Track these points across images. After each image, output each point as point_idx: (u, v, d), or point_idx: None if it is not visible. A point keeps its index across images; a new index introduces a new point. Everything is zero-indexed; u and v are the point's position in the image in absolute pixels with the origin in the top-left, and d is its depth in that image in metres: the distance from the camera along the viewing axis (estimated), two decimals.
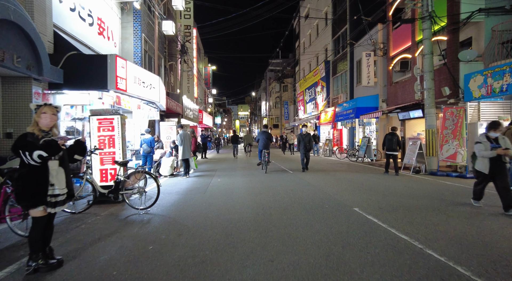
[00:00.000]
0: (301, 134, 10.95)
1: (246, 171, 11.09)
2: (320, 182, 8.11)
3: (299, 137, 10.93)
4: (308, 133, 11.16)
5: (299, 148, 10.98)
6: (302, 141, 10.73)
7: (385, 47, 16.16)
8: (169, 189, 7.57)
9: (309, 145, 10.77)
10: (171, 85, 20.17)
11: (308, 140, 10.74)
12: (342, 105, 20.04)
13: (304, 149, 10.67)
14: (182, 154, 9.78)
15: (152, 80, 9.37)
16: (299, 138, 10.89)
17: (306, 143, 10.66)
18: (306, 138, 10.76)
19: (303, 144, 10.67)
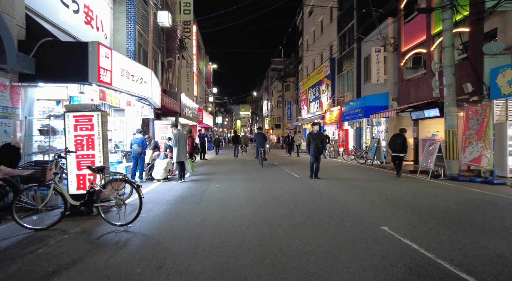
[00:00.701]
0: (311, 134, 9.25)
1: (248, 175, 10.11)
2: (332, 190, 7.12)
3: (309, 137, 9.22)
4: (321, 132, 9.35)
5: (308, 150, 9.31)
6: (312, 142, 9.07)
7: (395, 42, 15.16)
8: (160, 197, 6.60)
9: (322, 147, 9.09)
10: (170, 83, 19.23)
11: (320, 141, 9.10)
12: (348, 104, 19.05)
13: (315, 152, 9.06)
14: (177, 156, 8.81)
15: (143, 73, 8.41)
16: (309, 138, 9.21)
17: (318, 144, 9.02)
18: (318, 138, 9.09)
19: (314, 146, 9.04)
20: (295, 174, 10.13)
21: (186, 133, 10.15)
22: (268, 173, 10.37)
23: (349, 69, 20.86)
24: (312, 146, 9.11)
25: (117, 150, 9.88)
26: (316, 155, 9.11)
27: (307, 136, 9.37)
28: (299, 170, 11.27)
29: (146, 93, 8.63)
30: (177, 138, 8.81)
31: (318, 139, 9.12)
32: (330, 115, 21.91)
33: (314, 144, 9.09)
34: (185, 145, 9.02)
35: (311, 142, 9.20)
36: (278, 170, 11.34)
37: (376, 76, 15.65)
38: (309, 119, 29.16)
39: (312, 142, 9.16)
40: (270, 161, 15.88)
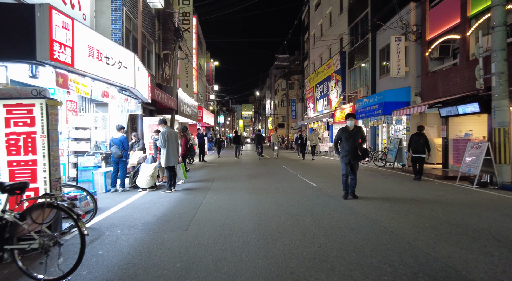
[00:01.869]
0: (345, 130, 6.04)
1: (253, 183, 8.41)
2: (367, 207, 5.38)
3: (341, 135, 6.08)
4: (360, 128, 6.19)
5: (337, 152, 6.21)
6: (346, 142, 5.94)
7: (418, 30, 13.41)
8: (136, 217, 4.91)
9: (363, 150, 6.04)
10: (166, 77, 17.58)
11: (359, 140, 6.03)
12: (362, 100, 17.31)
13: (349, 157, 5.88)
14: (166, 160, 7.13)
15: (123, 56, 6.73)
16: (340, 137, 6.11)
17: (354, 146, 5.90)
18: (356, 136, 5.99)
19: (347, 147, 5.89)
20: (312, 182, 8.36)
21: (178, 131, 8.47)
22: (278, 181, 8.67)
23: (362, 63, 19.11)
24: (345, 149, 5.95)
25: (96, 152, 8.23)
26: (352, 162, 5.92)
27: (337, 134, 6.23)
28: (316, 177, 9.54)
29: (127, 82, 6.95)
30: (166, 137, 7.12)
31: (356, 137, 5.95)
32: (341, 113, 20.17)
33: (348, 145, 5.90)
34: (176, 146, 7.34)
35: (342, 142, 6.04)
36: (289, 177, 9.63)
37: (396, 68, 13.90)
38: (316, 118, 27.43)
39: (344, 143, 5.96)
40: (278, 164, 14.17)
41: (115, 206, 5.86)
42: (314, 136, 16.97)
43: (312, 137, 16.88)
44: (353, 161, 5.94)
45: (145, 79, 8.90)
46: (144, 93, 8.87)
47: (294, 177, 9.38)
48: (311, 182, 8.16)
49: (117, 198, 6.73)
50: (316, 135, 17.24)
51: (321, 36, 27.42)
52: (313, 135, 16.94)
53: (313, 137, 16.87)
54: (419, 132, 9.22)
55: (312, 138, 16.86)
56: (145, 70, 9.12)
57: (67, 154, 8.78)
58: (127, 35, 11.20)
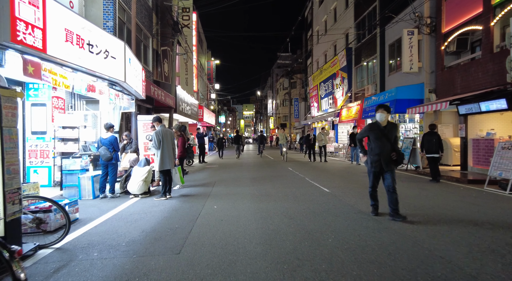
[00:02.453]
0: (373, 127, 4.61)
1: (258, 187, 7.57)
2: (409, 227, 4.51)
3: (366, 133, 4.68)
4: (394, 125, 4.71)
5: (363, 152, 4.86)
6: (375, 142, 4.52)
7: (433, 23, 12.55)
8: (120, 234, 4.08)
9: (396, 152, 4.49)
10: (165, 75, 16.76)
11: (393, 139, 4.57)
12: (370, 98, 16.45)
13: (380, 162, 4.49)
14: (160, 163, 6.30)
15: (110, 45, 5.91)
16: (365, 134, 4.70)
17: (387, 147, 4.46)
18: (390, 133, 4.52)
19: (378, 149, 4.48)
20: (324, 187, 7.48)
21: (174, 131, 7.64)
22: (286, 185, 7.83)
23: (369, 59, 18.26)
24: (374, 152, 4.49)
25: (84, 154, 7.41)
26: (386, 169, 4.47)
27: (363, 131, 4.78)
28: (327, 181, 8.68)
29: (115, 74, 6.12)
30: (161, 137, 6.28)
31: (390, 136, 4.49)
32: (347, 112, 19.31)
33: (378, 146, 4.46)
34: (172, 147, 6.51)
35: (370, 142, 4.61)
36: (298, 181, 8.78)
37: (409, 63, 13.04)
38: (320, 117, 26.58)
39: (373, 143, 4.53)
40: (284, 166, 13.33)
41: (99, 216, 5.04)
42: (324, 135, 15.54)
43: (321, 137, 15.45)
44: (386, 168, 4.46)
45: (138, 73, 8.08)
46: (138, 89, 8.04)
47: (302, 181, 8.53)
48: (323, 187, 7.30)
49: (105, 206, 5.90)
50: (325, 135, 15.81)
51: (325, 33, 26.56)
52: (322, 135, 15.50)
53: (322, 137, 15.44)
54: (431, 131, 8.74)
55: (321, 138, 15.43)
56: (139, 64, 8.30)
57: (52, 156, 7.98)
58: (121, 27, 10.39)
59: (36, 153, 7.87)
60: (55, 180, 7.80)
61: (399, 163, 4.59)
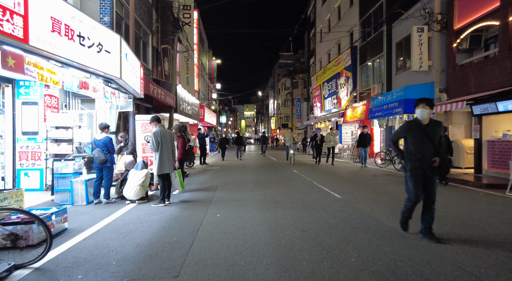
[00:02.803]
0: (413, 126, 3.77)
1: (264, 192, 7.08)
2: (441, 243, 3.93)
3: (403, 133, 3.85)
4: (439, 123, 3.79)
5: (399, 156, 3.99)
6: (415, 145, 3.68)
7: (444, 19, 12.04)
8: (112, 247, 3.60)
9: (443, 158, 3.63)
10: (165, 73, 16.31)
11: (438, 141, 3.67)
12: (377, 98, 15.94)
13: (422, 169, 3.63)
14: (159, 166, 5.81)
15: (104, 38, 5.42)
16: (401, 137, 3.92)
17: (431, 150, 3.62)
18: (435, 133, 3.65)
19: (419, 152, 3.65)
20: (334, 192, 6.96)
21: (174, 131, 7.15)
22: (293, 190, 7.34)
23: (375, 58, 17.76)
24: (415, 156, 3.65)
25: (77, 156, 6.94)
26: (432, 177, 3.64)
27: (399, 131, 3.96)
28: (337, 185, 8.18)
29: (110, 70, 5.63)
30: (159, 138, 5.80)
31: (435, 137, 3.63)
32: (352, 112, 18.81)
33: (420, 150, 3.63)
34: (171, 149, 6.02)
35: (409, 145, 3.73)
36: (305, 185, 8.29)
37: (418, 62, 12.53)
38: (323, 118, 26.09)
39: (413, 146, 3.68)
40: (288, 168, 12.85)
41: (91, 226, 4.56)
42: (333, 136, 14.59)
43: (330, 138, 14.49)
44: (432, 175, 3.60)
45: (136, 70, 7.60)
46: (135, 87, 7.56)
47: (310, 185, 8.03)
48: (334, 193, 6.80)
49: (98, 213, 5.43)
50: (334, 135, 14.84)
51: (329, 32, 26.06)
52: (330, 135, 14.54)
53: (331, 138, 14.48)
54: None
55: (329, 138, 14.49)
56: (137, 60, 7.82)
57: (45, 158, 7.50)
58: (119, 22, 9.92)
59: (27, 155, 7.40)
60: (47, 184, 7.33)
61: (445, 171, 3.69)
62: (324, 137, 14.81)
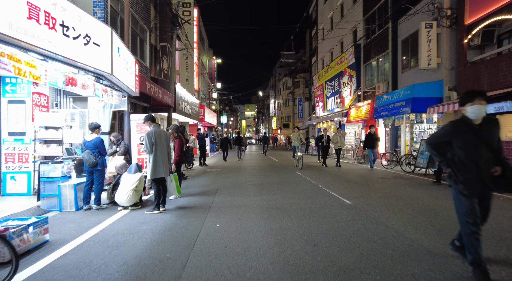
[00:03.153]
0: (461, 127, 2.83)
1: (268, 197, 6.60)
2: None
3: (448, 136, 2.89)
4: (495, 121, 2.88)
5: (443, 164, 2.98)
6: (465, 151, 2.79)
7: (454, 14, 11.54)
8: (94, 266, 3.11)
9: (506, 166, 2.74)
10: (164, 72, 15.83)
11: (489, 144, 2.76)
12: (382, 97, 15.45)
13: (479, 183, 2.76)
14: (153, 170, 5.33)
15: (92, 29, 4.94)
16: (445, 137, 2.92)
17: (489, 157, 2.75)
18: (491, 135, 2.79)
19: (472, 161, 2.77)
20: (343, 197, 6.45)
21: (171, 132, 6.66)
22: (298, 195, 6.85)
23: (380, 56, 17.25)
24: (468, 167, 2.78)
25: (66, 158, 6.46)
26: (494, 190, 2.83)
27: (441, 132, 2.98)
28: (345, 189, 7.68)
29: (99, 64, 5.15)
30: (153, 139, 5.32)
31: (492, 139, 2.78)
32: (356, 112, 18.31)
33: (472, 155, 2.77)
34: (166, 151, 5.54)
35: (458, 149, 2.83)
36: (310, 188, 7.80)
37: (427, 59, 12.03)
38: (326, 117, 25.59)
39: (463, 152, 2.81)
40: (292, 170, 12.37)
41: (75, 238, 4.08)
42: (340, 137, 13.75)
43: (337, 139, 13.65)
44: (495, 189, 2.80)
45: (130, 66, 7.12)
46: (130, 84, 7.08)
47: (316, 189, 7.54)
48: (342, 198, 6.31)
49: (86, 221, 4.95)
50: (342, 136, 13.96)
51: (331, 30, 25.56)
52: (337, 136, 13.72)
53: (338, 139, 13.64)
54: None
55: (336, 139, 13.65)
56: (131, 56, 7.34)
57: (33, 160, 7.03)
58: (114, 17, 9.45)
59: (13, 157, 6.94)
60: (35, 188, 6.86)
61: (509, 185, 2.77)
62: (330, 138, 13.93)
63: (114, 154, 6.97)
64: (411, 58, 14.15)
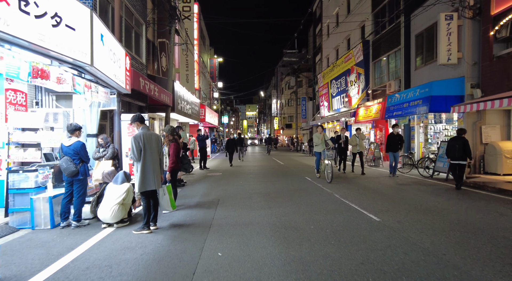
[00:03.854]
0: None
1: (278, 210, 5.65)
2: None
3: None
4: None
5: None
6: None
7: (477, 4, 10.56)
8: None
9: None
10: (163, 70, 14.91)
11: None
12: (394, 96, 14.47)
13: None
14: (141, 182, 4.38)
15: (62, 7, 3.99)
16: None
17: None
18: None
19: None
20: (368, 212, 5.41)
21: (165, 134, 5.72)
22: (314, 208, 5.89)
23: (391, 52, 16.27)
24: None
25: (42, 166, 5.52)
26: None
27: None
28: (368, 201, 6.69)
29: (74, 52, 4.20)
30: (142, 143, 4.38)
31: None
32: (365, 112, 17.33)
33: None
34: (158, 158, 4.59)
35: None
36: (327, 200, 6.83)
37: (447, 54, 11.04)
38: (331, 117, 24.61)
39: None
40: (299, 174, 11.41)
41: (36, 273, 3.15)
42: (359, 139, 11.39)
43: (356, 141, 11.30)
44: None
45: (118, 58, 6.19)
46: (118, 79, 6.15)
47: (333, 199, 6.58)
48: (367, 212, 5.35)
49: (59, 245, 4.03)
50: (361, 138, 11.51)
51: (337, 26, 24.59)
52: (356, 138, 11.41)
53: (357, 141, 11.31)
54: (459, 137, 8.11)
55: (355, 142, 11.32)
56: (119, 46, 6.40)
57: (6, 167, 6.09)
58: (104, 7, 8.52)
59: None
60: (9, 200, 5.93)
61: None
62: (349, 140, 11.90)
63: (101, 158, 6.05)
64: (426, 54, 13.18)
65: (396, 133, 10.72)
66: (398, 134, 10.77)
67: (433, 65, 12.40)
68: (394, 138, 10.56)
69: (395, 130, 10.86)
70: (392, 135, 10.63)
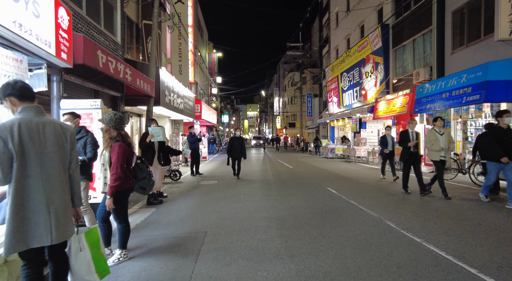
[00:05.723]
0: None
1: (307, 260, 3.20)
2: None
3: None
4: None
5: None
6: None
7: None
8: None
9: None
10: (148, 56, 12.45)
11: None
12: (424, 85, 12.00)
13: None
14: (10, 231, 1.92)
15: None
16: None
17: None
18: None
19: None
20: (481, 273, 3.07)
21: (104, 127, 3.25)
22: (378, 260, 3.45)
23: (418, 35, 13.81)
24: None
25: None
26: None
27: None
28: (449, 239, 4.26)
29: None
30: (14, 144, 1.93)
31: None
32: (387, 106, 14.83)
33: None
34: (61, 173, 2.14)
35: None
36: (384, 236, 4.38)
37: (508, 25, 8.57)
38: (342, 114, 22.16)
39: None
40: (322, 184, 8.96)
41: None
42: (444, 135, 6.79)
43: (438, 139, 6.76)
44: None
45: (39, 6, 3.75)
46: (41, 40, 3.71)
47: (391, 233, 4.11)
48: (471, 269, 2.91)
49: None
50: (447, 134, 6.87)
51: (347, 14, 22.12)
52: (437, 134, 6.83)
53: (440, 140, 6.41)
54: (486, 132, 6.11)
55: (436, 140, 6.76)
56: None
57: None
58: None
59: None
60: None
61: None
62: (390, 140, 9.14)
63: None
64: (469, 33, 10.72)
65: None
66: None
67: (480, 45, 9.96)
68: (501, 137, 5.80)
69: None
70: (498, 132, 5.90)
